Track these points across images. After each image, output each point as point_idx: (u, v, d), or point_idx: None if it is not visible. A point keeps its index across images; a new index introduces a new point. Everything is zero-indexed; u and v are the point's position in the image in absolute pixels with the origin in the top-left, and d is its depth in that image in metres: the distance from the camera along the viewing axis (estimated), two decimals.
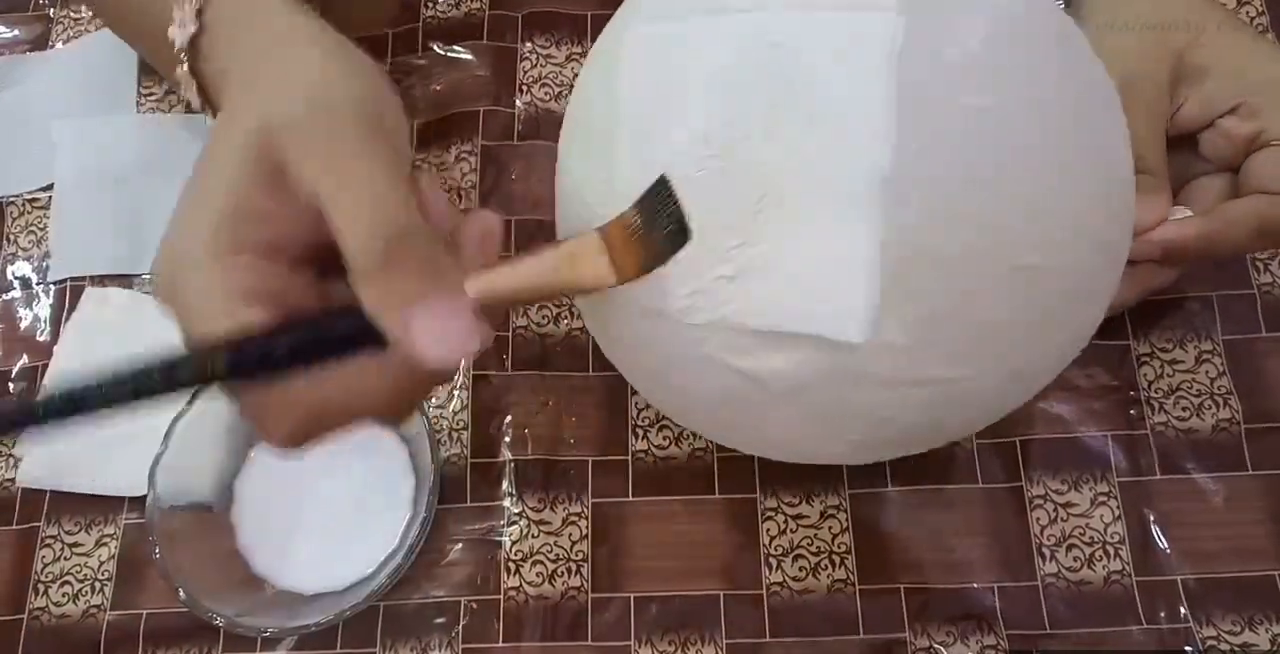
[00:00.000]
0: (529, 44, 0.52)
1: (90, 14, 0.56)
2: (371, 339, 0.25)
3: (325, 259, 0.27)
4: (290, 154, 0.26)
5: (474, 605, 0.41)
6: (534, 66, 0.52)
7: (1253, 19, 0.49)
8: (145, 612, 0.43)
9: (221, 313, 0.25)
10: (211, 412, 0.41)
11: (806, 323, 0.28)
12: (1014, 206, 0.28)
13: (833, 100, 0.28)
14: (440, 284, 0.25)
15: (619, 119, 0.31)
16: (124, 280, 0.49)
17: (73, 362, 0.47)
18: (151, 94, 0.54)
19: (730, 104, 0.29)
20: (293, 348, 0.25)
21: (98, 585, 0.43)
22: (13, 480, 0.46)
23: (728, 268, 0.29)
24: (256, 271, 0.26)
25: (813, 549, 0.41)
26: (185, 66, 0.33)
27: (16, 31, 0.56)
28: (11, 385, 0.48)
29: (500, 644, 0.41)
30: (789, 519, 0.42)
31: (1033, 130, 0.28)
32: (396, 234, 0.25)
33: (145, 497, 0.40)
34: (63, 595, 0.43)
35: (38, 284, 0.50)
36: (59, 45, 0.56)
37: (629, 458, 0.43)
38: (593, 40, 0.52)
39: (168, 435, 0.40)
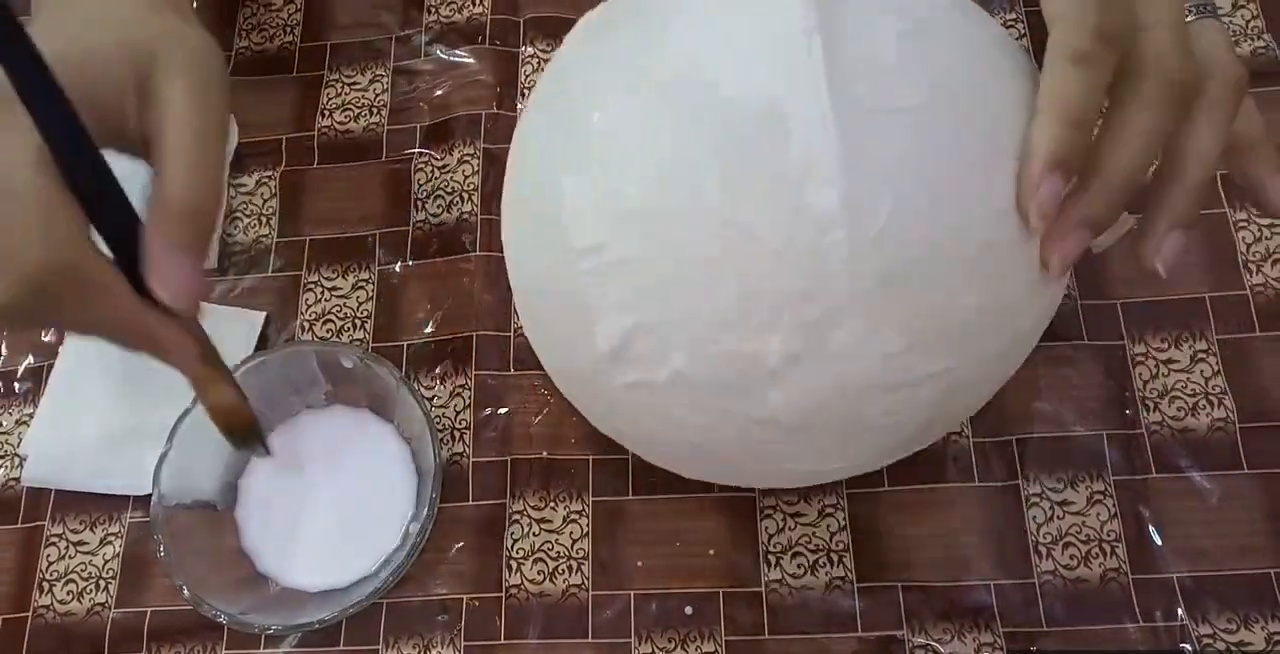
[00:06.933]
0: (530, 48, 0.53)
1: None
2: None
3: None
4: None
5: (476, 603, 0.42)
6: (536, 70, 0.52)
7: (1249, 22, 0.49)
8: (149, 610, 0.43)
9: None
10: None
11: None
12: (967, 187, 0.28)
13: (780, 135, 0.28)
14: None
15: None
16: None
17: (78, 361, 0.47)
18: None
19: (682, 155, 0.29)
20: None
21: (102, 583, 0.44)
22: (18, 479, 0.46)
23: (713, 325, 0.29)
24: None
25: (811, 547, 0.42)
26: None
27: None
28: (17, 385, 0.48)
29: (502, 641, 0.41)
30: (787, 517, 0.42)
31: (962, 121, 0.29)
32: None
33: (150, 495, 0.40)
34: (67, 593, 0.44)
35: None
36: None
37: (629, 456, 0.44)
38: None
39: (172, 435, 0.41)
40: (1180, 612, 0.39)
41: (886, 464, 0.39)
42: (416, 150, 0.51)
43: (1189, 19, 0.32)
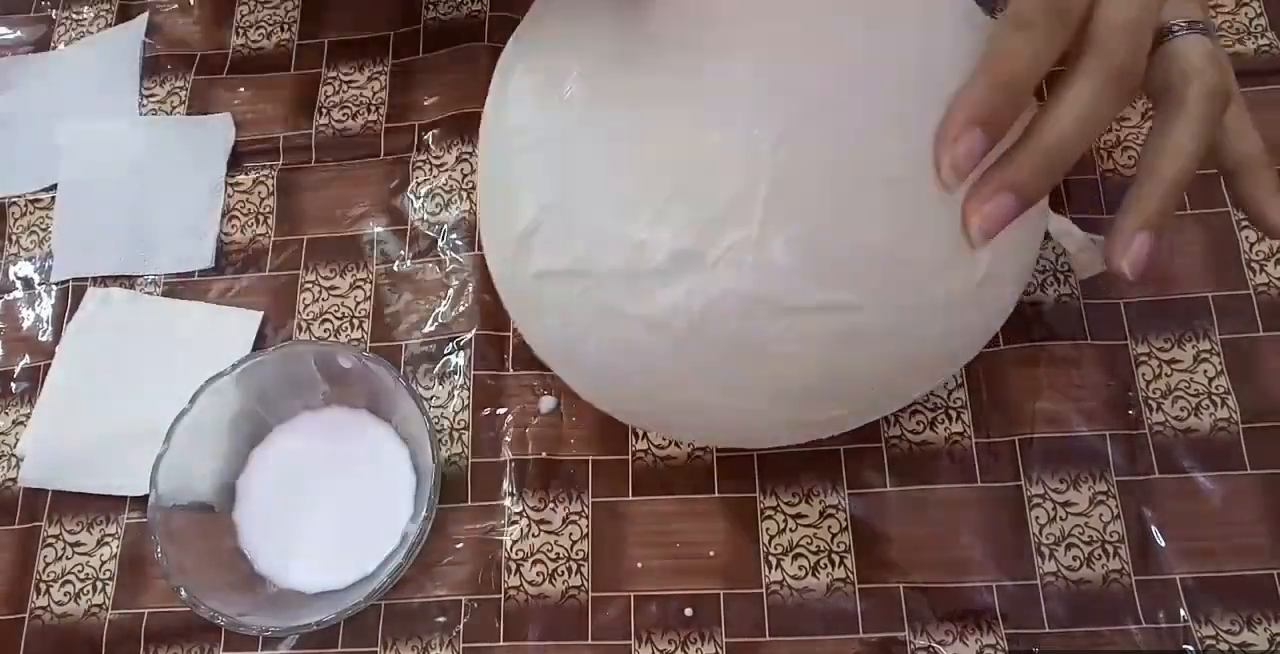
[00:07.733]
0: None
1: (92, 15, 0.56)
2: None
3: None
4: None
5: (475, 605, 0.42)
6: None
7: (1252, 20, 0.49)
8: (146, 611, 0.43)
9: None
10: (213, 411, 0.41)
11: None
12: (880, 120, 0.29)
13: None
14: None
15: None
16: (126, 281, 0.49)
17: (75, 361, 0.47)
18: (153, 95, 0.54)
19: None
20: None
21: (99, 585, 0.44)
22: (14, 480, 0.46)
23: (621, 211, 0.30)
24: None
25: (812, 548, 0.41)
26: None
27: (19, 33, 0.57)
28: (14, 385, 0.48)
29: (501, 643, 0.41)
30: (788, 518, 0.42)
31: (895, 46, 0.30)
32: None
33: (147, 496, 0.40)
34: (64, 595, 0.44)
35: (40, 284, 0.50)
36: (61, 46, 0.56)
37: (629, 457, 0.43)
38: None
39: (169, 435, 0.40)
40: (1183, 613, 0.39)
41: (821, 435, 0.38)
42: (415, 148, 0.51)
43: (1180, 33, 0.31)
